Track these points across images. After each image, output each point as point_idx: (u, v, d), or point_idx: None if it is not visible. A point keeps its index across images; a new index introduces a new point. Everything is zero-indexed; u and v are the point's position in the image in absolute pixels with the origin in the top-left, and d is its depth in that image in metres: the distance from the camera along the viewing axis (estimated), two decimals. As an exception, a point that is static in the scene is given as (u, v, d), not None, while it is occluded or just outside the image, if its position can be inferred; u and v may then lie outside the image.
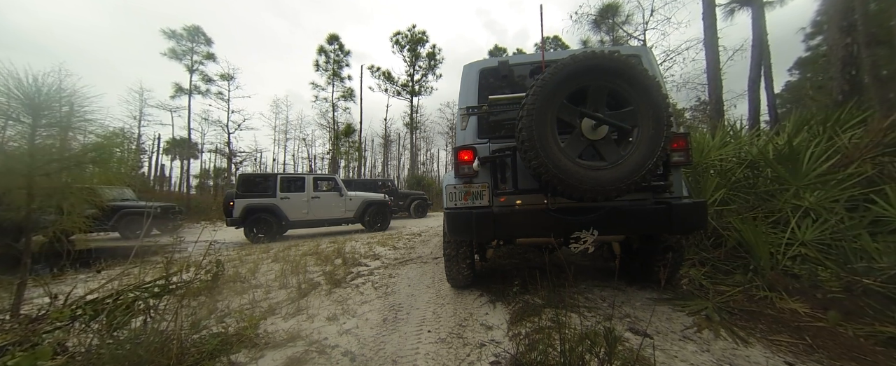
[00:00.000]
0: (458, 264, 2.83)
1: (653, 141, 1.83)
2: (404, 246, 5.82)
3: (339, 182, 9.63)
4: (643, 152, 1.83)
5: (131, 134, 26.03)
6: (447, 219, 2.43)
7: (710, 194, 3.34)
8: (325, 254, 5.18)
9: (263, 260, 5.24)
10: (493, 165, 2.38)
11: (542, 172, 1.88)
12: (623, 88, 1.87)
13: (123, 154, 2.75)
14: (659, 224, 2.15)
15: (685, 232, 2.34)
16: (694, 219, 2.13)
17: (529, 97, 1.91)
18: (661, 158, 1.85)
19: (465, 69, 2.79)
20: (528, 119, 1.89)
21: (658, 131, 1.83)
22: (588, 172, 1.85)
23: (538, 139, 1.87)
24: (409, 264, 4.30)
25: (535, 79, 1.95)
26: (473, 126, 2.59)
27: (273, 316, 2.70)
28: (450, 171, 2.90)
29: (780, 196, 3.25)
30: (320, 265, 4.52)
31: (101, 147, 2.37)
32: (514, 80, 2.70)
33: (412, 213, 14.32)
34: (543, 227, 2.23)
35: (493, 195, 2.42)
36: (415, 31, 29.71)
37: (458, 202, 2.46)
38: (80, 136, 2.44)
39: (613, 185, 1.83)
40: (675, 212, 2.09)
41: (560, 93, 1.90)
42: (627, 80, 1.86)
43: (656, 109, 1.84)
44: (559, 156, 1.87)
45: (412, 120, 31.39)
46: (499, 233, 2.25)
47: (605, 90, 1.90)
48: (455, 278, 2.95)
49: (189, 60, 23.86)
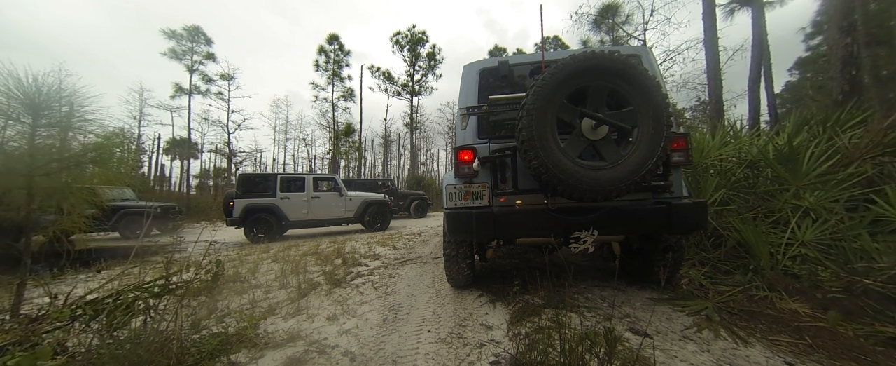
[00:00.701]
0: (458, 264, 2.83)
1: (653, 141, 1.84)
2: (404, 246, 5.82)
3: (339, 182, 9.63)
4: (643, 152, 1.84)
5: (131, 134, 26.04)
6: (447, 219, 2.44)
7: (711, 194, 3.34)
8: (325, 254, 5.18)
9: (263, 260, 5.24)
10: (493, 165, 2.38)
11: (542, 172, 1.88)
12: (623, 88, 1.87)
13: (123, 154, 2.76)
14: (659, 224, 2.15)
15: (685, 232, 2.34)
16: (694, 219, 2.14)
17: (529, 97, 1.91)
18: (661, 159, 1.85)
19: (465, 69, 2.79)
20: (528, 119, 1.89)
21: (658, 131, 1.83)
22: (588, 172, 1.85)
23: (538, 139, 1.87)
24: (409, 264, 4.30)
25: (536, 79, 1.95)
26: (473, 126, 2.59)
27: (273, 316, 2.70)
28: (450, 171, 2.90)
29: (780, 196, 3.25)
30: (320, 265, 4.52)
31: (101, 147, 2.37)
32: (514, 81, 2.70)
33: (412, 213, 14.34)
34: (543, 227, 2.23)
35: (493, 195, 2.42)
36: (415, 31, 29.72)
37: (458, 202, 2.46)
38: (80, 136, 2.44)
39: (613, 185, 1.83)
40: (675, 212, 2.09)
41: (560, 93, 1.90)
42: (627, 80, 1.86)
43: (656, 109, 1.84)
44: (559, 156, 1.87)
45: (412, 120, 31.40)
46: (499, 233, 2.25)
47: (605, 90, 1.90)
48: (455, 278, 2.95)
49: (189, 60, 23.87)
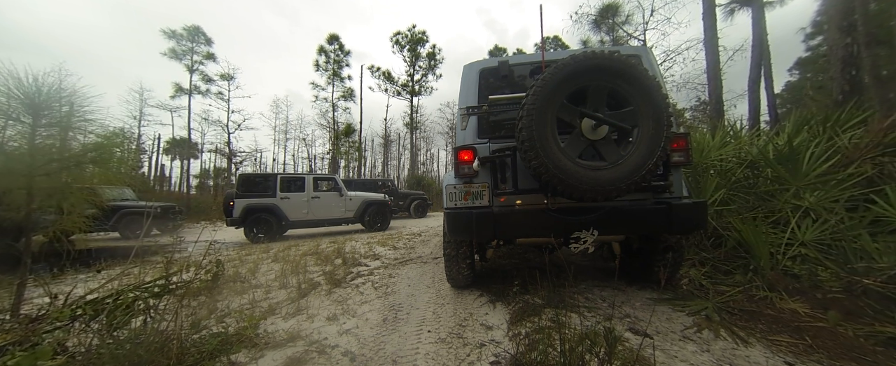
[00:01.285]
0: (458, 264, 2.83)
1: (653, 141, 1.84)
2: (404, 246, 5.82)
3: (339, 182, 9.63)
4: (643, 152, 1.84)
5: (131, 134, 26.04)
6: (447, 219, 2.44)
7: (711, 194, 3.34)
8: (325, 254, 5.18)
9: (263, 260, 5.24)
10: (493, 165, 2.39)
11: (542, 172, 1.88)
12: (623, 88, 1.88)
13: (123, 154, 2.76)
14: (659, 224, 2.16)
15: (685, 232, 2.34)
16: (694, 219, 2.14)
17: (529, 97, 1.91)
18: (661, 158, 1.86)
19: (466, 69, 2.79)
20: (528, 119, 1.90)
21: (658, 131, 1.83)
22: (588, 172, 1.86)
23: (538, 139, 1.87)
24: (409, 264, 4.30)
25: (536, 79, 1.95)
26: (473, 126, 2.59)
27: (273, 316, 2.70)
28: (450, 171, 2.91)
29: (780, 196, 3.25)
30: (320, 265, 4.52)
31: (101, 147, 2.37)
32: (515, 81, 2.71)
33: (412, 213, 14.35)
34: (543, 227, 2.23)
35: (493, 195, 2.43)
36: (415, 31, 29.73)
37: (458, 202, 2.47)
38: (80, 135, 2.44)
39: (613, 185, 1.84)
40: (676, 212, 2.10)
41: (560, 93, 1.90)
42: (627, 80, 1.86)
43: (656, 109, 1.84)
44: (559, 156, 1.87)
45: (412, 120, 31.41)
46: (499, 233, 2.26)
47: (606, 90, 1.90)
48: (455, 278, 2.95)
49: (189, 60, 23.87)
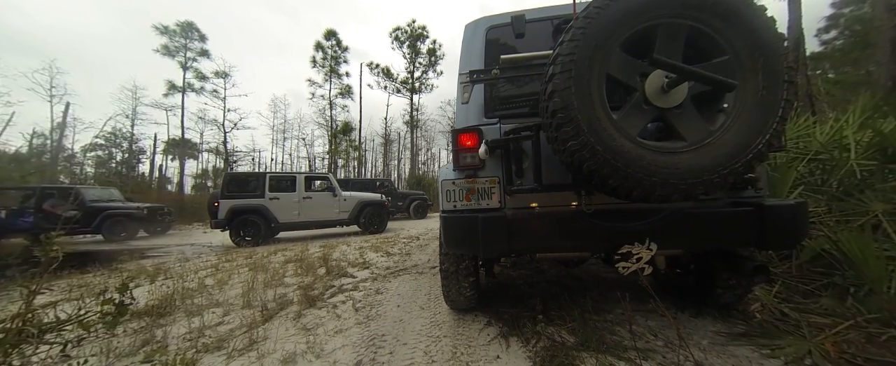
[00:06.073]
0: (459, 283, 2.18)
1: (765, 107, 1.17)
2: (399, 252, 5.18)
3: (333, 181, 9.03)
4: (749, 124, 1.17)
5: (125, 133, 25.51)
6: (444, 226, 1.80)
7: (786, 193, 2.64)
8: (309, 261, 4.55)
9: (241, 268, 4.62)
10: (506, 153, 1.74)
11: (586, 157, 1.23)
12: (714, 27, 1.21)
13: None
14: (743, 235, 1.50)
15: (782, 246, 1.69)
16: (796, 229, 1.48)
17: (566, 45, 1.26)
18: (779, 134, 1.20)
19: (468, 29, 2.13)
20: (563, 78, 1.24)
21: (773, 92, 1.17)
22: (659, 158, 1.20)
23: (580, 108, 1.22)
24: (401, 276, 3.66)
25: (574, 21, 1.30)
26: (479, 100, 1.93)
27: (217, 352, 2.06)
28: (447, 163, 2.26)
29: (860, 196, 2.58)
30: (300, 276, 3.89)
31: None
32: (532, 43, 2.04)
33: (412, 214, 13.90)
34: (577, 238, 1.59)
35: (505, 194, 1.78)
36: (414, 27, 29.06)
37: (458, 203, 1.82)
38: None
39: (700, 176, 1.18)
40: (770, 217, 1.44)
41: (613, 38, 1.25)
42: (720, 14, 1.20)
43: (769, 57, 1.18)
44: (612, 132, 1.22)
45: (412, 118, 30.74)
46: (514, 246, 1.61)
47: (684, 31, 1.24)
48: (454, 300, 2.30)
49: (182, 57, 23.30)
